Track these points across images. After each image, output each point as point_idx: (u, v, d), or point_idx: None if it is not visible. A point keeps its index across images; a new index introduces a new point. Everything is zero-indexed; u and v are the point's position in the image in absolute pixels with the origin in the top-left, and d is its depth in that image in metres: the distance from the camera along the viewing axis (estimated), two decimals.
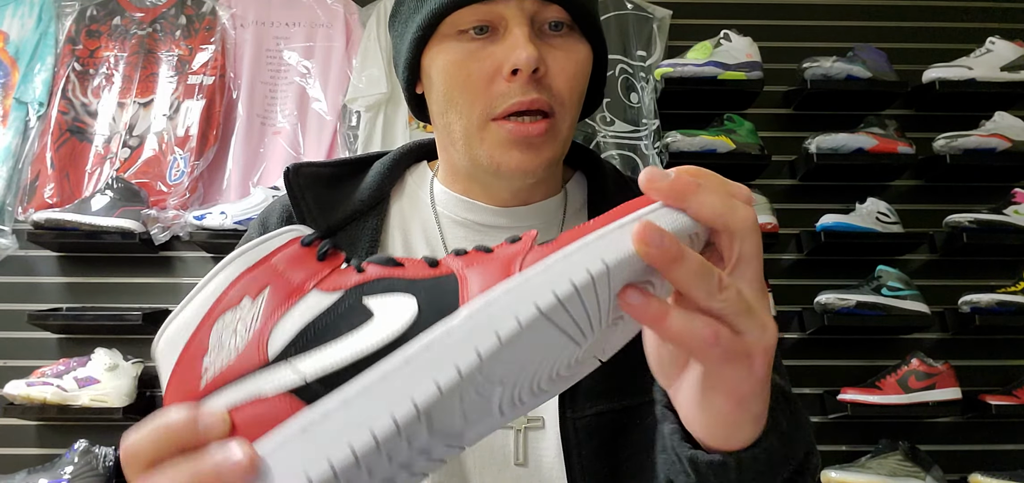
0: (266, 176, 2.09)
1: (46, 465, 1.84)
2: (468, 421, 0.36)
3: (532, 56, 0.59)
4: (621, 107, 2.09)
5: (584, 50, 0.64)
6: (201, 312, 0.36)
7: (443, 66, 0.63)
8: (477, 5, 0.60)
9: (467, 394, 0.34)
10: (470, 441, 0.39)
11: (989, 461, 1.96)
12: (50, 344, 2.04)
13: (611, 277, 0.35)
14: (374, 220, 0.70)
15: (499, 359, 0.34)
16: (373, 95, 2.07)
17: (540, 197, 0.70)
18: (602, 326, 0.37)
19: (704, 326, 0.36)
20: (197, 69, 2.12)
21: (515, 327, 0.33)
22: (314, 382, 0.33)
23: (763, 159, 2.01)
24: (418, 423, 0.33)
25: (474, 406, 0.36)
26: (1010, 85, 2.00)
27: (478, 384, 0.34)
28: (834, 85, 2.03)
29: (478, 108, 0.62)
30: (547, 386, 0.39)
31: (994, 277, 2.05)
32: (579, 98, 0.65)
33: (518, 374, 0.36)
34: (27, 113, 2.10)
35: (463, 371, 0.33)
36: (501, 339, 0.33)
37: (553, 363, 0.37)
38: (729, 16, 2.22)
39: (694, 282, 0.35)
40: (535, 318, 0.33)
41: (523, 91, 0.60)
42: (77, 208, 1.94)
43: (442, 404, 0.33)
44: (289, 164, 0.71)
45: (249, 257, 0.38)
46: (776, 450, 0.43)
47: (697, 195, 0.37)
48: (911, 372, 1.88)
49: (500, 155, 0.62)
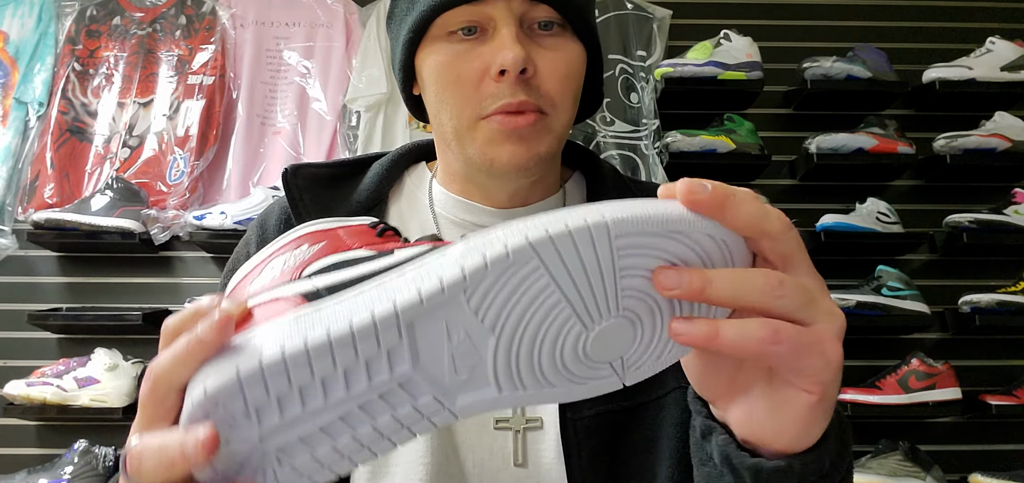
0: (266, 176, 2.09)
1: (46, 465, 1.84)
2: (458, 372, 0.36)
3: (518, 57, 0.58)
4: (621, 107, 2.09)
5: (576, 49, 0.64)
6: (263, 255, 0.42)
7: (433, 67, 0.63)
8: (465, 6, 0.60)
9: (454, 325, 0.35)
10: (462, 409, 0.37)
11: (989, 461, 1.96)
12: (50, 344, 2.04)
13: (612, 233, 0.34)
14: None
15: (484, 286, 0.34)
16: (373, 95, 2.07)
17: (538, 197, 0.70)
18: (607, 303, 0.35)
19: (760, 327, 0.35)
20: (197, 69, 2.12)
21: (501, 252, 0.33)
22: (323, 289, 0.37)
23: (763, 159, 2.01)
24: (397, 334, 0.34)
25: (464, 352, 0.36)
26: (1010, 85, 2.00)
27: (466, 318, 0.35)
28: (834, 85, 2.03)
29: (468, 109, 0.62)
30: (549, 371, 0.37)
31: (994, 277, 2.05)
32: (573, 98, 0.64)
33: (513, 327, 0.35)
34: (27, 113, 2.10)
35: (445, 285, 0.34)
36: (487, 260, 0.33)
37: (556, 335, 0.36)
38: (729, 16, 2.22)
39: (750, 286, 0.35)
40: (521, 248, 0.33)
41: (511, 92, 0.60)
42: (77, 208, 1.94)
43: (424, 319, 0.34)
44: (288, 165, 0.71)
45: (320, 224, 0.42)
46: (833, 451, 0.42)
47: (734, 205, 0.36)
48: (911, 372, 1.87)
49: (492, 150, 0.62)
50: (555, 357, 0.37)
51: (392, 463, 0.62)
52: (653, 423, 0.63)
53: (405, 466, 0.61)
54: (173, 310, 2.06)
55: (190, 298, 1.95)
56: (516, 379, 0.37)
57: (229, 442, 0.35)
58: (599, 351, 0.37)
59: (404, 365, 0.35)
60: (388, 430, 0.37)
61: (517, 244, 0.33)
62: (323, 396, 0.35)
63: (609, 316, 0.36)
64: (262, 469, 0.36)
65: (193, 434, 0.33)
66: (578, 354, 0.37)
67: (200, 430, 0.33)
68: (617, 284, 0.35)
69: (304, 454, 0.36)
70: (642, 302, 0.36)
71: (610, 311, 0.36)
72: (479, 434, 0.63)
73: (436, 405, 0.37)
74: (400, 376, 0.35)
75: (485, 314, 0.35)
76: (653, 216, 0.35)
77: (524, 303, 0.35)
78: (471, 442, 0.63)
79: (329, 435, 0.36)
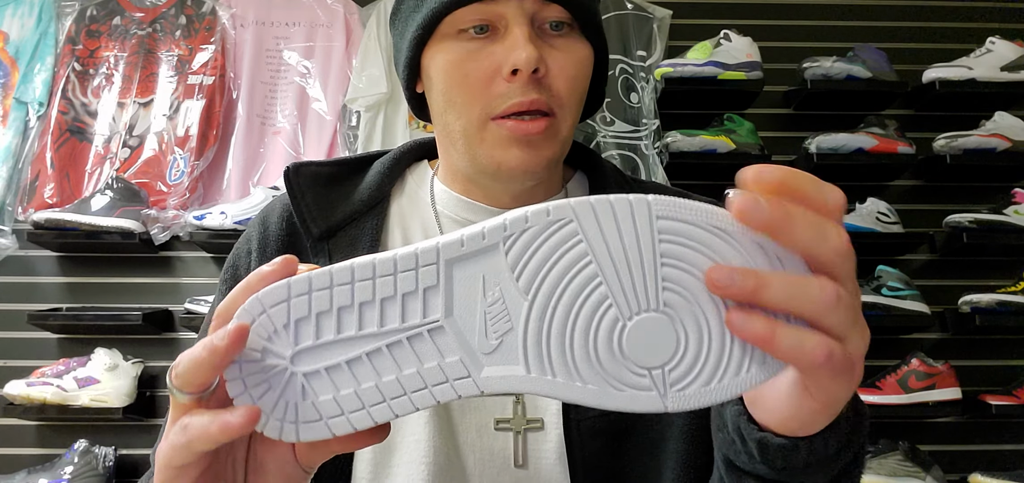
0: (266, 176, 2.09)
1: (46, 465, 1.84)
2: (487, 336, 0.36)
3: (532, 56, 0.58)
4: (621, 107, 2.09)
5: (585, 50, 0.64)
6: None
7: (442, 65, 0.63)
8: (477, 4, 0.60)
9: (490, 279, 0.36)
10: (486, 382, 0.37)
11: (989, 461, 1.96)
12: (50, 344, 2.04)
13: (653, 212, 0.34)
14: (374, 220, 0.69)
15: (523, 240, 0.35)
16: (373, 95, 2.07)
17: (540, 198, 0.70)
18: (645, 288, 0.35)
19: (817, 346, 0.34)
20: (197, 69, 2.12)
21: (542, 209, 0.36)
22: None
23: (763, 159, 2.01)
24: (436, 273, 0.36)
25: (496, 314, 0.36)
26: (1010, 85, 2.00)
27: (502, 274, 0.36)
28: (834, 85, 2.03)
29: (477, 108, 0.62)
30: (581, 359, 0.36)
31: (994, 277, 2.05)
32: (580, 98, 0.64)
33: (547, 294, 0.35)
34: (27, 113, 2.10)
35: (486, 230, 0.36)
36: (527, 214, 0.35)
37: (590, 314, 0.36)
38: (729, 16, 2.22)
39: (806, 296, 0.34)
40: (561, 206, 0.35)
41: (523, 91, 0.60)
42: (77, 208, 1.94)
43: (463, 264, 0.36)
44: (289, 164, 0.70)
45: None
46: (844, 434, 0.43)
47: (790, 228, 0.34)
48: (911, 372, 1.88)
49: (500, 154, 0.62)
50: (588, 342, 0.36)
51: (393, 463, 0.61)
52: (658, 425, 0.62)
53: (406, 465, 0.61)
54: (173, 310, 2.08)
55: (190, 298, 1.95)
56: (546, 360, 0.36)
57: (264, 355, 0.36)
58: (636, 349, 0.36)
59: (437, 311, 0.36)
60: (411, 385, 0.37)
61: (558, 204, 0.35)
62: (358, 323, 0.36)
63: (647, 306, 0.35)
64: (285, 396, 0.37)
65: (224, 329, 0.36)
66: (613, 345, 0.36)
67: (231, 325, 0.36)
68: (657, 270, 0.35)
69: (327, 390, 0.37)
70: (685, 302, 0.35)
71: (648, 300, 0.35)
72: (480, 434, 0.63)
73: (461, 369, 0.36)
74: (431, 323, 0.36)
75: (521, 271, 0.36)
76: (700, 209, 0.35)
77: (560, 269, 0.35)
78: (472, 442, 0.63)
79: (354, 374, 0.37)
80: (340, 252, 0.66)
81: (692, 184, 1.69)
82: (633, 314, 0.35)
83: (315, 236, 0.67)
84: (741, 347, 0.35)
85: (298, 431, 0.36)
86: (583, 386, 0.36)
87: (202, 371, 0.37)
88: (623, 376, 0.36)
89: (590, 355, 0.36)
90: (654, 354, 0.36)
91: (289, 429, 0.37)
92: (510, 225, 0.36)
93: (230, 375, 0.37)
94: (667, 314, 0.35)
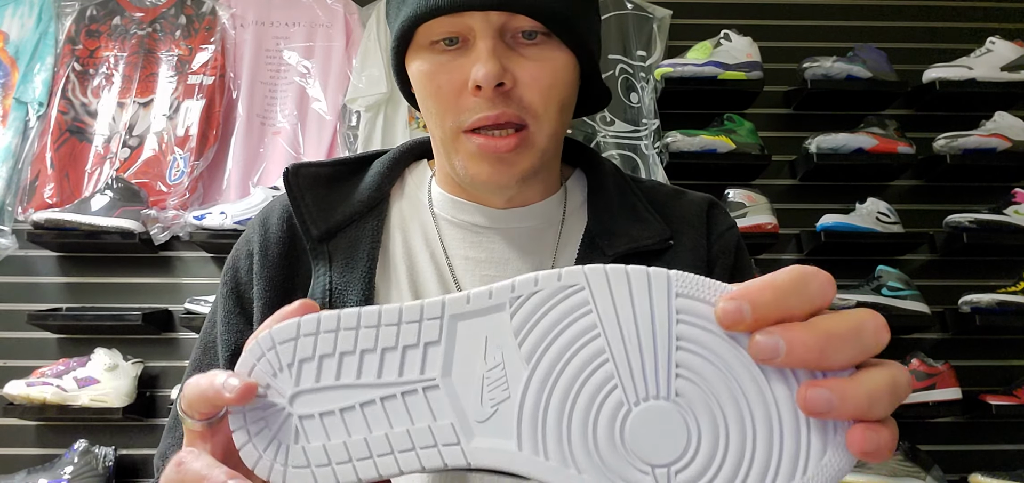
0: (266, 176, 2.09)
1: (46, 465, 1.84)
2: (483, 403, 0.34)
3: (490, 72, 0.57)
4: (621, 107, 2.09)
5: (561, 58, 0.62)
6: None
7: (416, 76, 0.63)
8: (445, 18, 0.59)
9: (493, 342, 0.35)
10: (475, 453, 0.35)
11: (989, 461, 1.96)
12: (50, 344, 2.04)
13: (672, 287, 0.32)
14: (374, 221, 0.69)
15: (530, 304, 0.34)
16: (373, 95, 2.07)
17: (537, 198, 0.70)
18: (656, 372, 0.32)
19: (889, 438, 0.30)
20: (197, 69, 2.12)
21: (553, 273, 0.34)
22: None
23: (763, 159, 2.01)
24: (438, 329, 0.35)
25: (494, 380, 0.34)
26: (1010, 85, 2.00)
27: (505, 338, 0.34)
28: (834, 85, 2.03)
29: (449, 120, 0.62)
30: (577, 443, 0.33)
31: (994, 277, 2.05)
32: (558, 107, 0.63)
33: (549, 364, 0.34)
34: (27, 113, 2.10)
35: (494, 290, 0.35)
36: (537, 278, 0.34)
37: (593, 392, 0.33)
38: (729, 16, 2.22)
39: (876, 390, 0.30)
40: (573, 272, 0.34)
41: (489, 105, 0.59)
42: (77, 208, 1.94)
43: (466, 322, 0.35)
44: (289, 164, 0.70)
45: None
46: None
47: (829, 358, 0.30)
48: (911, 372, 1.87)
49: (473, 167, 0.62)
50: (587, 426, 0.33)
51: None
52: None
53: (408, 477, 0.61)
54: (173, 310, 2.08)
55: (190, 298, 1.95)
56: (540, 439, 0.33)
57: (267, 391, 0.37)
58: (640, 441, 0.32)
59: (435, 369, 0.35)
60: (399, 444, 0.35)
61: (571, 270, 0.33)
62: (357, 371, 0.36)
63: (657, 393, 0.32)
64: (279, 437, 0.37)
65: (233, 379, 0.37)
66: (615, 434, 0.32)
67: (238, 379, 0.37)
68: (671, 353, 0.32)
69: (319, 436, 0.36)
70: (700, 395, 0.32)
71: (658, 386, 0.32)
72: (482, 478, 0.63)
73: (452, 434, 0.35)
74: (427, 381, 0.35)
75: (525, 337, 0.34)
76: (727, 290, 0.31)
77: (566, 339, 0.33)
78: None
79: (346, 424, 0.36)
80: (340, 254, 0.66)
81: (692, 184, 1.69)
82: (640, 400, 0.32)
83: (315, 237, 0.66)
84: (768, 449, 0.31)
85: (286, 475, 0.36)
86: (578, 476, 0.32)
87: (208, 405, 0.38)
88: (623, 470, 0.32)
89: (588, 441, 0.33)
90: (659, 450, 0.32)
91: (278, 471, 0.36)
92: (518, 286, 0.34)
93: (234, 408, 0.37)
94: (678, 404, 0.32)
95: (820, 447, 0.30)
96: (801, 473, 0.30)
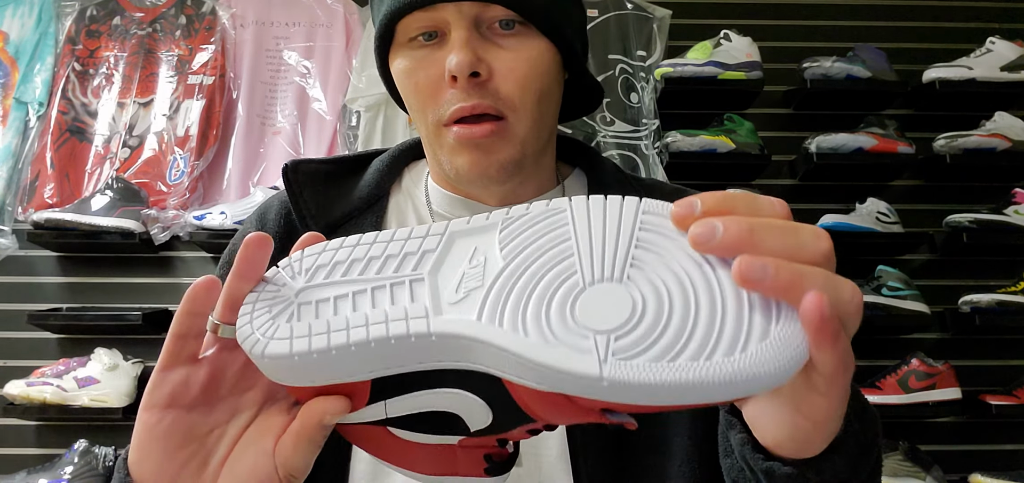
0: (266, 176, 2.09)
1: (46, 465, 1.84)
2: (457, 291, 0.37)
3: (463, 61, 0.57)
4: (621, 107, 2.09)
5: (539, 47, 0.62)
6: None
7: (397, 74, 0.63)
8: (420, 12, 0.60)
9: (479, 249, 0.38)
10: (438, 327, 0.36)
11: (989, 461, 1.96)
12: (50, 344, 2.04)
13: (643, 207, 0.36)
14: (372, 218, 0.69)
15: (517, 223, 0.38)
16: (373, 95, 2.07)
17: (530, 196, 0.69)
18: (613, 262, 0.35)
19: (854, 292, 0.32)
20: (197, 69, 2.12)
21: (544, 205, 0.39)
22: None
23: (763, 159, 2.01)
24: (438, 238, 0.39)
25: (473, 275, 0.37)
26: (1010, 85, 2.00)
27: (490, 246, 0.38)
28: (834, 85, 2.03)
29: (430, 115, 0.62)
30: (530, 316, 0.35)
31: (994, 277, 2.05)
32: (536, 98, 0.62)
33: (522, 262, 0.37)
34: (27, 113, 2.10)
35: (490, 216, 0.40)
36: (529, 207, 0.39)
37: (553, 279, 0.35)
38: (729, 16, 2.22)
39: (806, 247, 0.32)
40: (560, 202, 0.38)
41: (465, 96, 0.59)
42: (77, 208, 1.94)
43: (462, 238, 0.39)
44: (288, 161, 0.70)
45: None
46: (851, 454, 0.42)
47: (757, 242, 0.32)
48: (911, 372, 1.87)
49: (456, 160, 0.62)
50: (543, 302, 0.35)
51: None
52: (664, 420, 0.62)
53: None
54: (173, 310, 2.05)
55: None
56: (499, 313, 0.35)
57: (280, 288, 0.40)
58: (587, 313, 0.34)
59: (426, 268, 0.39)
60: (374, 318, 0.37)
61: (561, 199, 0.38)
62: (361, 271, 0.39)
63: (611, 276, 0.34)
64: (275, 318, 0.39)
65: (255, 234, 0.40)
66: (566, 308, 0.34)
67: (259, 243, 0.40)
68: (629, 248, 0.35)
69: (308, 316, 0.38)
70: (648, 278, 0.34)
71: (613, 271, 0.35)
72: None
73: (421, 311, 0.37)
74: (416, 277, 0.39)
75: (507, 243, 0.38)
76: None
77: (540, 243, 0.37)
78: None
79: (335, 307, 0.39)
80: None
81: (692, 184, 1.69)
82: (595, 281, 0.34)
83: None
84: (709, 323, 0.32)
85: (266, 347, 0.37)
86: (524, 338, 0.34)
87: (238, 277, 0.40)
88: (567, 338, 0.33)
89: (541, 314, 0.34)
90: (603, 319, 0.33)
91: (260, 343, 0.37)
92: (513, 211, 0.39)
93: (248, 297, 0.40)
94: (627, 284, 0.34)
95: (762, 329, 0.32)
96: (741, 348, 0.31)
